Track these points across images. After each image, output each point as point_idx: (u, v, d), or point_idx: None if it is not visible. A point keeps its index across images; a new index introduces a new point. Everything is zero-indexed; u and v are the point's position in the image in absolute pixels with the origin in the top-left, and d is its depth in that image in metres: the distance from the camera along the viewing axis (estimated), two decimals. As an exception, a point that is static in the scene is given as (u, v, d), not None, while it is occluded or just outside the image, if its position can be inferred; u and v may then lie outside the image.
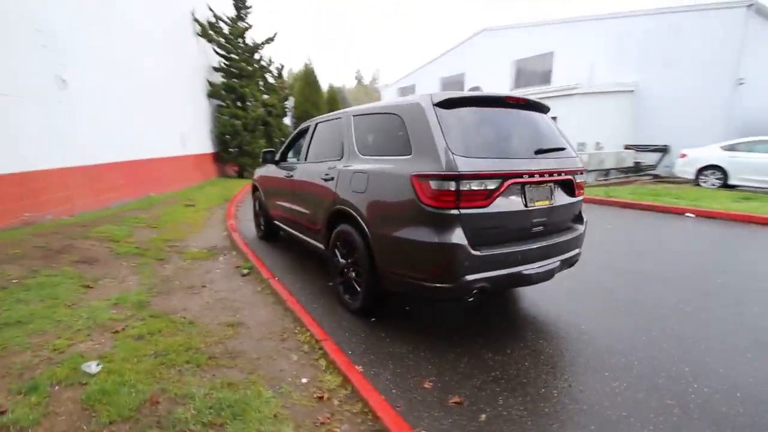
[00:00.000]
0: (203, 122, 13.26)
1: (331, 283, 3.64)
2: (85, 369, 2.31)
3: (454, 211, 2.39)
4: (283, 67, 16.55)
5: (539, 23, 18.46)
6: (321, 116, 4.20)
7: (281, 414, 2.03)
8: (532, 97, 2.98)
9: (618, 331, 2.93)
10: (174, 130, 10.86)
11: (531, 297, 3.64)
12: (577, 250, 3.05)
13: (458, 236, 2.40)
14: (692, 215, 7.35)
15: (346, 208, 3.09)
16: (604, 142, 14.61)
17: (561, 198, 2.89)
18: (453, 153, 2.40)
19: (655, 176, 13.64)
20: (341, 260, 3.29)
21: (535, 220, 2.69)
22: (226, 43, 13.60)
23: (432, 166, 2.41)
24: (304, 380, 2.35)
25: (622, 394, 2.23)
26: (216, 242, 5.67)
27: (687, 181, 11.32)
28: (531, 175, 2.61)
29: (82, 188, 6.87)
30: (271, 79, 16.06)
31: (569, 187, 2.97)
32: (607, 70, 15.81)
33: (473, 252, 2.40)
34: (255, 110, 14.14)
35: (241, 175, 14.59)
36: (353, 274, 3.18)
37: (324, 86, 23.50)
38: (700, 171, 10.72)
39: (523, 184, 2.60)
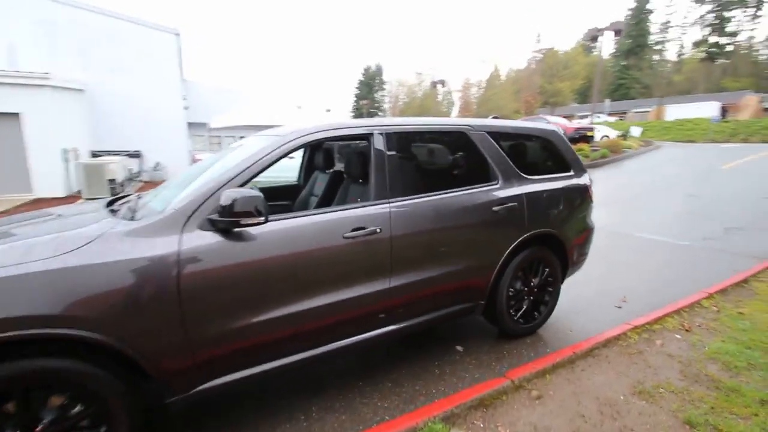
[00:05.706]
0: None
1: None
2: None
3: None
4: None
5: None
6: (383, 123, 2.71)
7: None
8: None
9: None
10: None
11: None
12: None
13: None
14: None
15: (546, 230, 3.10)
16: (79, 148, 12.33)
17: None
18: None
19: (147, 182, 13.64)
20: (525, 286, 3.16)
21: None
22: None
23: (587, 179, 3.53)
24: None
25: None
26: None
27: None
28: None
29: None
30: None
31: None
32: (35, 60, 12.69)
33: None
34: None
35: None
36: (531, 296, 3.22)
37: None
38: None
39: None
